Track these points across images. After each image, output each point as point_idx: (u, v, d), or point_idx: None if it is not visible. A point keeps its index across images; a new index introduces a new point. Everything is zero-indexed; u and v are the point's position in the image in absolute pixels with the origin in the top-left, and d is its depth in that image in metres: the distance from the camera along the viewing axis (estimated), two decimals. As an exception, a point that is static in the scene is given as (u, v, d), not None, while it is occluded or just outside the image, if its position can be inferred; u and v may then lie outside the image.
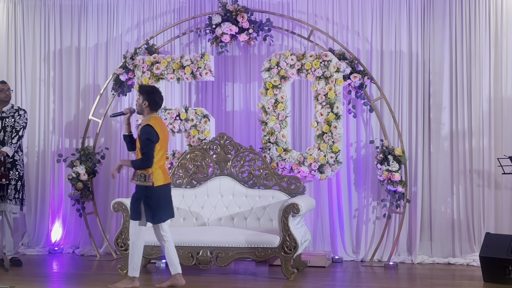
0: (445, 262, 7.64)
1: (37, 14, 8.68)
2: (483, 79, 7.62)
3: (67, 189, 8.43)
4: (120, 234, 6.96)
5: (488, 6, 7.64)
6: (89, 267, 7.57)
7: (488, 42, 7.62)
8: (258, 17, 8.06)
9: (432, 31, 7.80)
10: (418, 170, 7.77)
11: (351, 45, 7.93)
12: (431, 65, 7.81)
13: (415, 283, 6.73)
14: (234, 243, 6.77)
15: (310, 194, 7.87)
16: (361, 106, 7.86)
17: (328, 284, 6.72)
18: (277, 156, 7.63)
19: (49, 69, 8.66)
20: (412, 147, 7.80)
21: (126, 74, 8.08)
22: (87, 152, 8.19)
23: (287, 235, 6.68)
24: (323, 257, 7.49)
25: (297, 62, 7.58)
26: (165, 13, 8.42)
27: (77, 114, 8.59)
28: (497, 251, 6.45)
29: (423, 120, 7.82)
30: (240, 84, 8.20)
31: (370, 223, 7.87)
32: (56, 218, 8.53)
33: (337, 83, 7.50)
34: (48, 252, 8.42)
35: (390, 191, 7.57)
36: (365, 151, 7.90)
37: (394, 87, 7.85)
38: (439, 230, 7.74)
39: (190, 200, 7.45)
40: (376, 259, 7.76)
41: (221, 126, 8.18)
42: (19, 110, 7.74)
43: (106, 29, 8.53)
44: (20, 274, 7.13)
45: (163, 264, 7.44)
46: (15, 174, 7.58)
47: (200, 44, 8.26)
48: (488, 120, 7.61)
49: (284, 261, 6.71)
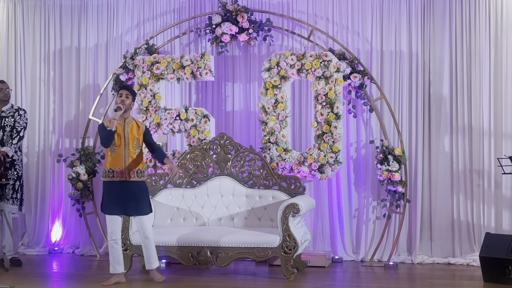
0: (445, 262, 7.64)
1: (37, 14, 8.68)
2: (483, 79, 7.62)
3: (67, 189, 8.43)
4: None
5: (488, 6, 7.64)
6: (89, 267, 7.57)
7: (488, 42, 7.62)
8: (258, 17, 8.06)
9: (432, 31, 7.80)
10: (418, 170, 7.77)
11: (351, 45, 7.94)
12: (431, 65, 7.81)
13: (415, 283, 6.72)
14: (234, 243, 6.77)
15: (310, 194, 7.87)
16: (361, 106, 7.87)
17: (328, 284, 6.72)
18: (277, 156, 7.63)
19: (49, 69, 8.66)
20: (412, 147, 7.80)
21: (126, 74, 8.09)
22: (87, 152, 8.19)
23: (287, 235, 6.68)
24: (323, 257, 7.49)
25: (297, 62, 7.58)
26: (165, 13, 8.42)
27: (77, 114, 8.59)
28: (497, 251, 6.45)
29: (423, 120, 7.82)
30: (240, 84, 8.20)
31: (370, 223, 7.88)
32: (56, 218, 8.54)
33: (337, 83, 7.50)
34: (48, 252, 8.43)
35: (390, 191, 7.58)
36: (365, 151, 7.90)
37: (394, 87, 7.86)
38: (439, 230, 7.75)
39: (190, 200, 7.45)
40: (376, 259, 7.76)
41: (221, 126, 8.18)
42: (19, 110, 7.74)
43: (106, 29, 8.53)
44: (20, 274, 7.13)
45: (163, 264, 7.44)
46: (14, 174, 7.58)
47: (200, 44, 8.26)
48: (488, 120, 7.61)
49: (284, 261, 6.71)
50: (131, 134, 6.57)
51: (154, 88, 7.92)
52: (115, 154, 6.52)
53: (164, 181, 7.50)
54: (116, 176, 6.52)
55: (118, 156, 6.53)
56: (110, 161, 6.54)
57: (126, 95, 6.60)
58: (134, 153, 6.56)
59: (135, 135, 6.59)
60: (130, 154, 6.54)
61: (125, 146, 6.54)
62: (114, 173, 6.53)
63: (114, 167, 6.53)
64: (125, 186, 6.54)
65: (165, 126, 7.86)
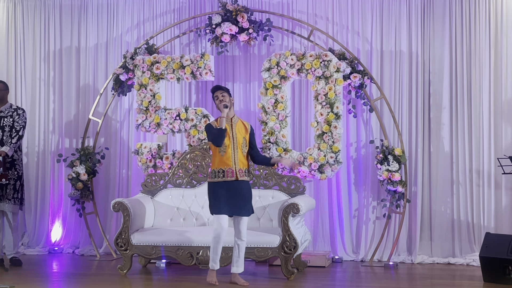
0: (445, 262, 7.64)
1: (37, 14, 8.68)
2: (483, 79, 7.62)
3: (67, 189, 8.43)
4: (120, 234, 6.96)
5: (488, 6, 7.64)
6: (89, 267, 7.57)
7: (488, 42, 7.62)
8: (258, 17, 8.06)
9: (432, 31, 7.80)
10: (418, 170, 7.77)
11: (351, 45, 7.93)
12: (431, 65, 7.81)
13: (415, 283, 6.72)
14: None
15: (310, 194, 7.87)
16: (361, 106, 7.87)
17: (328, 284, 6.72)
18: (277, 156, 7.63)
19: (49, 69, 8.66)
20: (412, 147, 7.80)
21: (126, 74, 8.08)
22: (87, 152, 8.19)
23: (287, 235, 6.68)
24: (323, 257, 7.49)
25: (297, 62, 7.58)
26: (165, 13, 8.42)
27: (77, 114, 8.59)
28: (497, 251, 6.45)
29: (423, 120, 7.82)
30: (240, 84, 8.20)
31: (370, 223, 7.88)
32: (56, 218, 8.53)
33: (337, 83, 7.50)
34: (48, 252, 8.42)
35: (390, 191, 7.58)
36: (365, 151, 7.90)
37: (394, 87, 7.86)
38: (439, 230, 7.75)
39: (190, 200, 7.45)
40: (376, 259, 7.76)
41: (221, 126, 8.17)
42: (17, 109, 7.72)
43: (106, 29, 8.53)
44: (20, 274, 7.13)
45: (163, 264, 7.44)
46: (14, 173, 7.57)
47: (200, 44, 8.26)
48: (488, 120, 7.61)
49: (284, 261, 6.71)
50: (239, 134, 6.46)
51: (154, 88, 7.92)
52: (225, 154, 6.41)
53: (164, 181, 7.50)
54: (227, 176, 6.42)
55: (228, 156, 6.42)
56: (218, 161, 6.41)
57: (221, 94, 6.46)
58: (242, 153, 6.44)
59: (243, 135, 6.49)
60: (239, 153, 6.43)
61: (234, 146, 6.42)
62: (224, 173, 6.41)
63: (224, 166, 6.39)
64: (236, 186, 6.43)
65: (165, 126, 7.86)
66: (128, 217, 6.92)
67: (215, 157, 6.43)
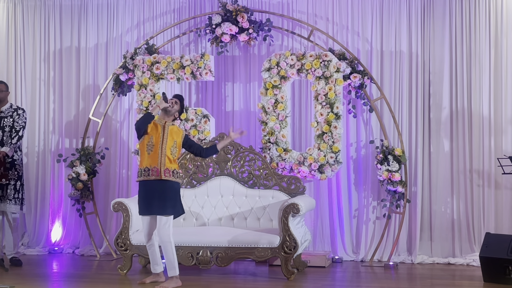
0: (445, 262, 7.64)
1: (37, 14, 8.68)
2: (483, 79, 7.62)
3: (67, 189, 8.43)
4: (120, 234, 6.96)
5: (488, 6, 7.64)
6: (89, 267, 7.57)
7: (488, 42, 7.62)
8: (258, 17, 8.06)
9: (432, 31, 7.80)
10: (418, 170, 7.77)
11: (351, 45, 7.94)
12: (431, 65, 7.81)
13: (415, 283, 6.72)
14: (234, 243, 6.76)
15: (310, 194, 7.87)
16: (361, 106, 7.87)
17: (328, 284, 6.72)
18: (277, 156, 7.63)
19: (49, 69, 8.66)
20: (412, 147, 7.80)
21: (126, 74, 8.08)
22: (87, 152, 8.19)
23: (287, 235, 6.68)
24: (323, 257, 7.49)
25: (297, 62, 7.59)
26: (165, 13, 8.42)
27: (77, 114, 8.59)
28: (497, 251, 6.45)
29: (423, 120, 7.82)
30: (240, 84, 8.21)
31: (370, 223, 7.88)
32: (56, 218, 8.53)
33: (337, 83, 7.50)
34: (48, 252, 8.42)
35: (390, 191, 7.58)
36: (365, 151, 7.90)
37: (394, 87, 7.86)
38: (439, 230, 7.75)
39: (190, 200, 7.45)
40: (376, 259, 7.76)
41: (221, 126, 8.18)
42: (17, 109, 7.71)
43: (106, 29, 8.53)
44: (20, 274, 7.13)
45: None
46: (14, 174, 7.57)
47: (200, 44, 8.26)
48: (488, 120, 7.61)
49: (284, 261, 6.71)
50: (170, 136, 6.44)
51: (154, 88, 7.92)
52: (151, 153, 6.41)
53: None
54: (151, 175, 6.41)
55: (155, 154, 6.41)
56: (145, 160, 6.42)
57: (175, 101, 6.52)
58: (171, 154, 6.44)
59: (174, 138, 6.47)
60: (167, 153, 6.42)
61: (162, 145, 6.40)
62: (149, 172, 6.41)
63: (150, 165, 6.40)
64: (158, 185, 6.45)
65: (165, 126, 7.86)
66: (128, 217, 6.92)
67: (143, 155, 6.44)
